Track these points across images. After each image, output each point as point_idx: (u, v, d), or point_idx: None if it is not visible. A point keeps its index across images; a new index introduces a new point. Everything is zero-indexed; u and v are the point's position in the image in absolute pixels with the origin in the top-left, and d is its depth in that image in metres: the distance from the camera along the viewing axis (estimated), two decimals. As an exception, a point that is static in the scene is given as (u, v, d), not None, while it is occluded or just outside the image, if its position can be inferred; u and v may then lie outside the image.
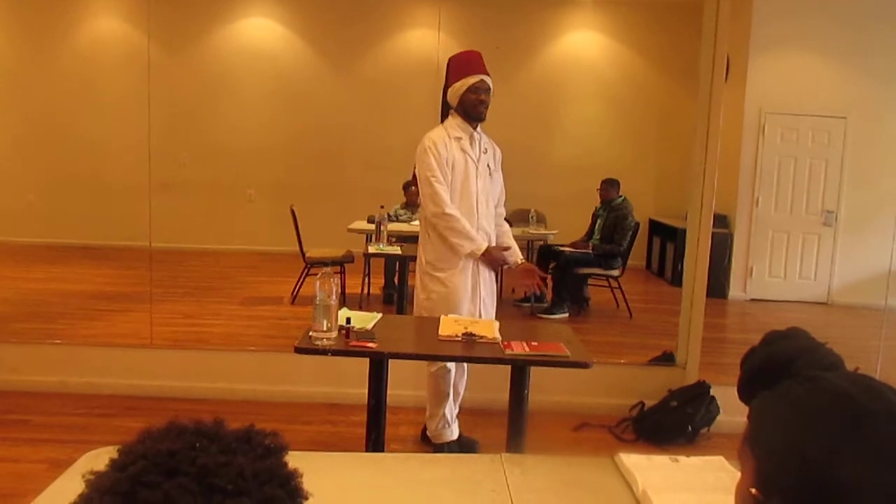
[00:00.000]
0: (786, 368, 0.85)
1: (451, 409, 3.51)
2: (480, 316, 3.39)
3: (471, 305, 3.40)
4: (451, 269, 3.37)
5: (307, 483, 0.70)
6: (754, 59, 6.74)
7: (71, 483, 1.54)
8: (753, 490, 0.80)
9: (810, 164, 7.03)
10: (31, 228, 6.75)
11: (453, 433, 3.54)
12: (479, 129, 3.41)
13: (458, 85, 3.34)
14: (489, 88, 3.34)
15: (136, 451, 0.63)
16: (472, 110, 3.34)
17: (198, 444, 0.64)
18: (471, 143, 3.38)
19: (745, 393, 0.90)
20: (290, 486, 0.66)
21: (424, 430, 3.62)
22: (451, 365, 3.42)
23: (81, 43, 6.93)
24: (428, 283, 3.42)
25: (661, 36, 6.62)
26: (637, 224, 6.03)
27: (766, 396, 0.84)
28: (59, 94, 6.86)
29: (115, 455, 0.65)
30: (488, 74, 3.35)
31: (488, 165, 3.42)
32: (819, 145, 7.00)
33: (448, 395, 3.47)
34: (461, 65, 3.37)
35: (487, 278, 3.48)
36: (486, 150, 3.42)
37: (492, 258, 3.38)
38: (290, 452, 0.72)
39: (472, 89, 3.31)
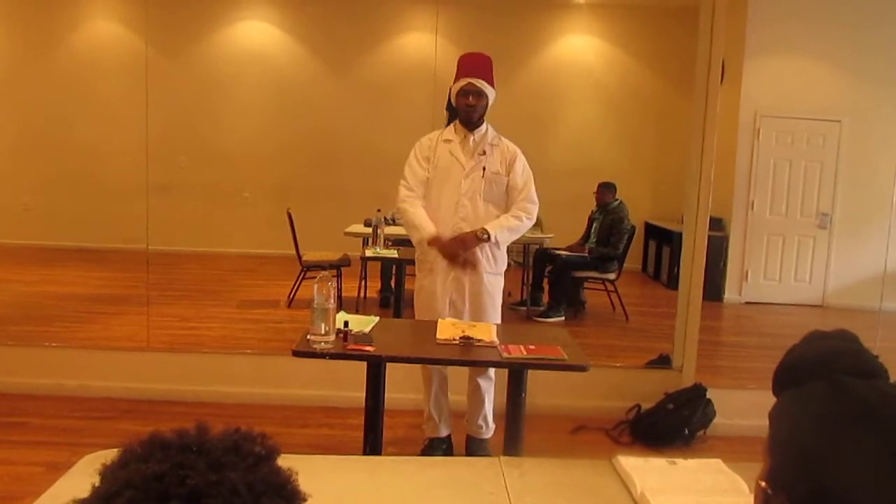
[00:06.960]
0: (819, 369, 0.83)
1: (436, 406, 3.48)
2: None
3: (446, 309, 3.35)
4: (421, 271, 3.43)
5: (304, 486, 0.69)
6: (749, 62, 6.76)
7: (70, 486, 1.55)
8: (763, 483, 0.81)
9: (805, 167, 7.05)
10: (27, 231, 6.74)
11: (436, 430, 3.49)
12: (479, 131, 3.32)
13: (452, 88, 3.32)
14: (477, 91, 3.23)
15: (120, 478, 0.60)
16: (460, 113, 3.31)
17: (185, 463, 0.62)
18: (462, 146, 3.31)
19: (775, 388, 0.89)
20: (287, 492, 0.65)
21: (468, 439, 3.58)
22: None
23: (79, 46, 6.93)
24: (416, 283, 3.50)
25: (656, 40, 6.64)
26: (633, 227, 6.04)
27: (790, 394, 0.84)
28: (56, 96, 6.85)
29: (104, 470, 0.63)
30: (477, 77, 3.23)
31: (484, 168, 3.29)
32: (814, 148, 7.02)
33: (430, 389, 3.45)
34: (457, 67, 3.34)
35: (465, 282, 3.33)
36: (483, 151, 3.30)
37: (440, 243, 3.24)
38: (286, 455, 0.70)
39: (460, 92, 3.26)
